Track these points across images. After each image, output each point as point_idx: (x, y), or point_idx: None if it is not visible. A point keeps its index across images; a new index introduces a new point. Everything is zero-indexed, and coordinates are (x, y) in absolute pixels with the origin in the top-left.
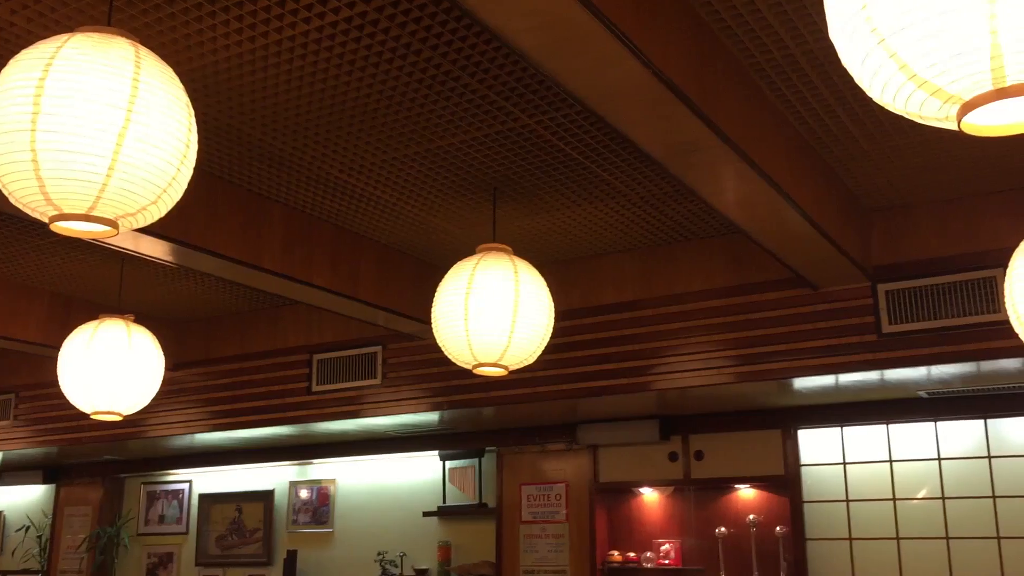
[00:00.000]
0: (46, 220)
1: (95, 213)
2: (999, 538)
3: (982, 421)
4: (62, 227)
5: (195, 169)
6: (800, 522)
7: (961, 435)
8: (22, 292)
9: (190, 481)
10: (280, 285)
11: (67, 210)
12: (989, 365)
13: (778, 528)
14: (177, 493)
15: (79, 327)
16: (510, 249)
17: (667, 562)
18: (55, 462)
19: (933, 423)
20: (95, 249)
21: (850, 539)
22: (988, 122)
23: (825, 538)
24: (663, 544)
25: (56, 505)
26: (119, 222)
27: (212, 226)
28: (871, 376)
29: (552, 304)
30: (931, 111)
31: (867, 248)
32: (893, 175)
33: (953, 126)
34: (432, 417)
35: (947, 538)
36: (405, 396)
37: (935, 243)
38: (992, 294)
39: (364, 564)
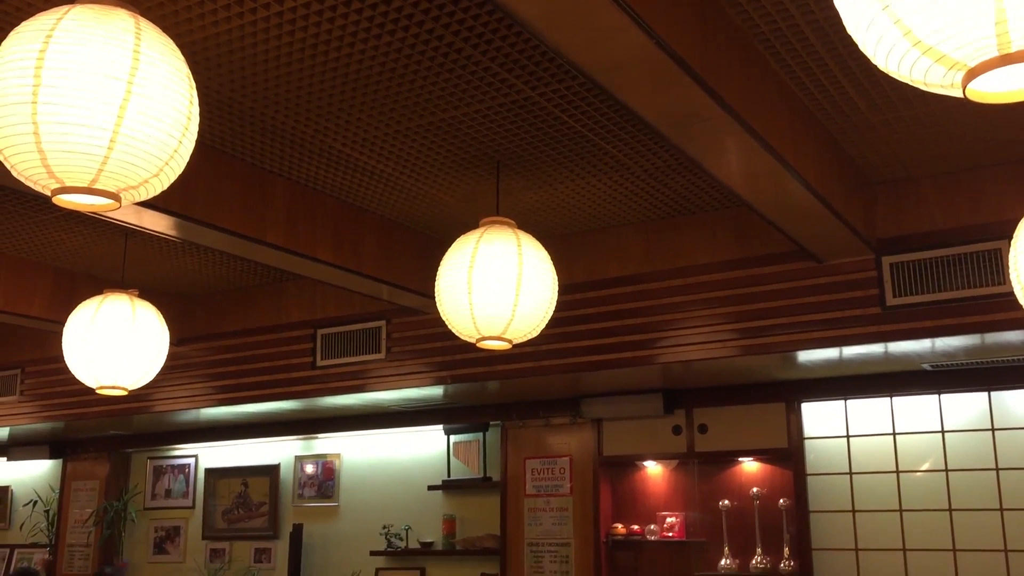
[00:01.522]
0: (48, 193)
1: (97, 186)
2: (1002, 510)
3: (986, 394)
4: (64, 200)
5: (197, 143)
6: (803, 495)
7: (965, 408)
8: (27, 268)
9: (196, 456)
10: (283, 259)
11: (69, 183)
12: (993, 337)
13: (781, 501)
14: (183, 468)
15: (83, 302)
16: (513, 223)
17: (671, 535)
18: (61, 437)
19: (937, 396)
20: (98, 224)
21: (853, 511)
22: (993, 89)
23: (828, 510)
24: (667, 517)
25: (63, 480)
26: (121, 195)
27: (215, 200)
28: (875, 349)
29: (556, 277)
30: (936, 78)
31: (871, 220)
32: (898, 147)
33: (958, 93)
34: (436, 391)
35: (950, 510)
36: (409, 370)
37: (939, 215)
38: (997, 266)
39: (369, 537)
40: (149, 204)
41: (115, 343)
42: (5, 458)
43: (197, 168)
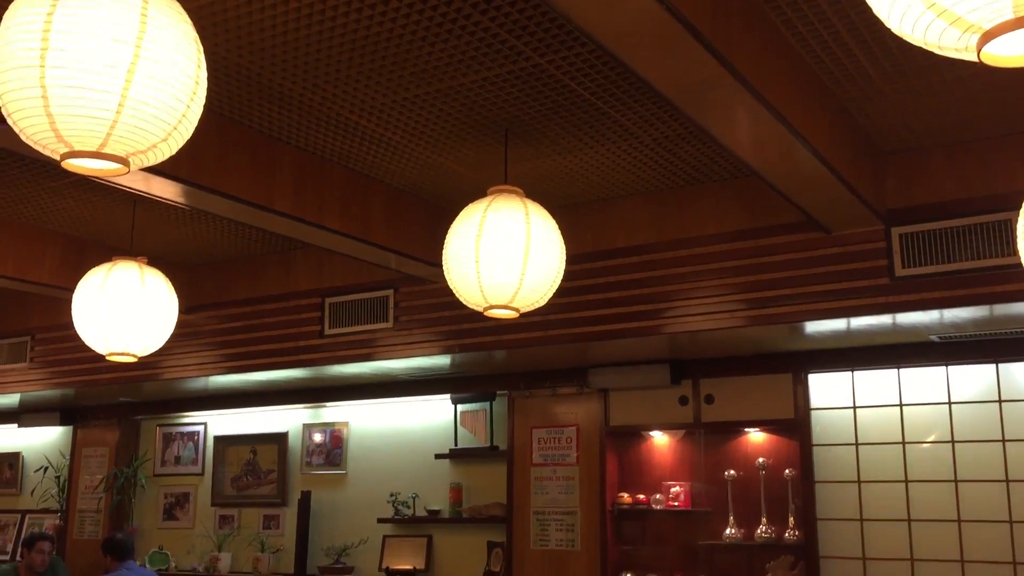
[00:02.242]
0: (57, 158)
1: (106, 150)
2: (1007, 481)
3: (993, 365)
4: (73, 165)
5: (205, 110)
6: (809, 465)
7: (972, 379)
8: (36, 234)
9: (205, 423)
10: (291, 227)
11: (78, 147)
12: (1002, 309)
13: (787, 471)
14: (192, 435)
15: (93, 269)
16: (521, 191)
17: (676, 504)
18: (72, 404)
19: (944, 367)
20: (108, 191)
21: (859, 482)
22: (1008, 52)
23: (833, 481)
24: (672, 486)
25: (73, 446)
26: (130, 160)
27: (223, 167)
28: (883, 320)
29: (563, 246)
30: (950, 41)
31: (881, 191)
32: (909, 116)
33: (972, 57)
34: (444, 361)
35: (955, 481)
36: (417, 339)
37: (950, 186)
38: (1007, 237)
39: (377, 505)
40: (158, 171)
41: (124, 310)
42: (16, 424)
43: (205, 135)
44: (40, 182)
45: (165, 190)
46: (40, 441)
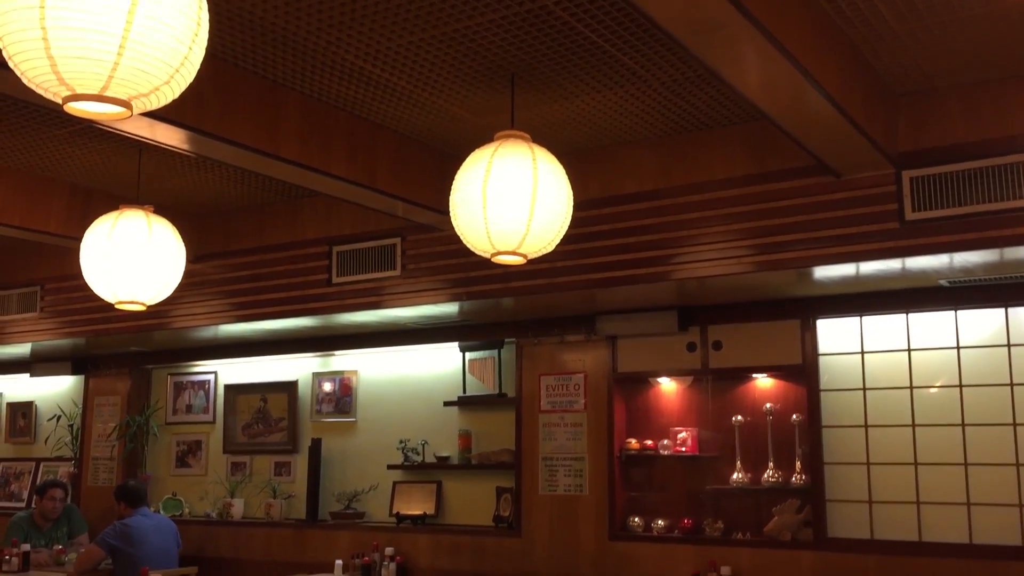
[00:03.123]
0: (60, 101)
1: (108, 93)
2: (1015, 425)
3: (1002, 310)
4: (76, 108)
5: (208, 55)
6: (816, 410)
7: (980, 324)
8: (42, 183)
9: (215, 372)
10: (297, 174)
11: (80, 90)
12: (1012, 252)
13: (794, 416)
14: (203, 384)
15: (100, 218)
16: (528, 136)
17: (683, 450)
18: (83, 353)
19: (953, 312)
20: (113, 139)
21: (865, 427)
22: None
23: (841, 425)
24: (680, 432)
25: (86, 395)
26: (133, 103)
27: (228, 114)
28: (892, 265)
29: (571, 192)
30: None
31: (892, 134)
32: (922, 57)
33: None
34: (452, 308)
35: (963, 425)
36: (424, 287)
37: (962, 128)
38: (1019, 179)
39: (387, 451)
40: (162, 117)
41: (132, 258)
42: (28, 374)
43: (209, 81)
44: (45, 130)
45: (170, 137)
46: (53, 390)
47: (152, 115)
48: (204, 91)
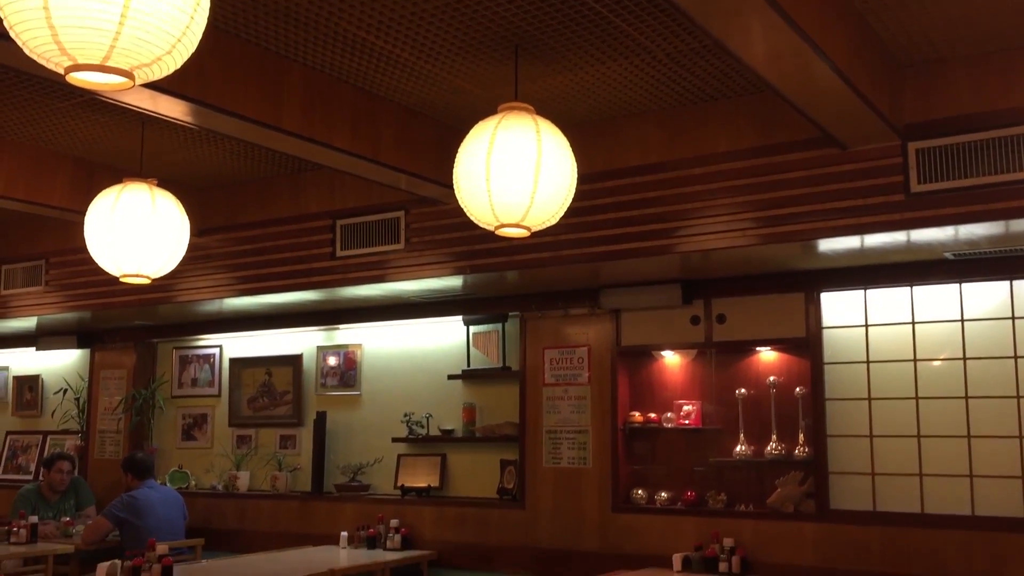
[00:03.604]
0: (61, 71)
1: (110, 63)
2: (1019, 397)
3: (1007, 282)
4: (78, 79)
5: (210, 26)
6: (820, 383)
7: (985, 297)
8: (46, 157)
9: (220, 346)
10: (300, 147)
11: (82, 60)
12: (1018, 225)
13: (797, 389)
14: (208, 357)
15: (104, 191)
16: (532, 108)
17: (687, 422)
18: (88, 327)
19: (958, 285)
20: (116, 111)
21: (869, 399)
22: None
23: (844, 398)
24: (684, 405)
25: (91, 369)
26: (135, 73)
27: (230, 86)
28: (897, 237)
29: (575, 163)
30: None
31: (899, 105)
32: (929, 26)
33: None
34: (456, 282)
35: (966, 398)
36: (428, 261)
37: (969, 99)
38: None
39: (391, 424)
40: (164, 89)
41: (136, 231)
42: (34, 348)
43: (211, 53)
44: (48, 103)
45: (172, 109)
46: (59, 364)
47: (154, 87)
48: (206, 63)
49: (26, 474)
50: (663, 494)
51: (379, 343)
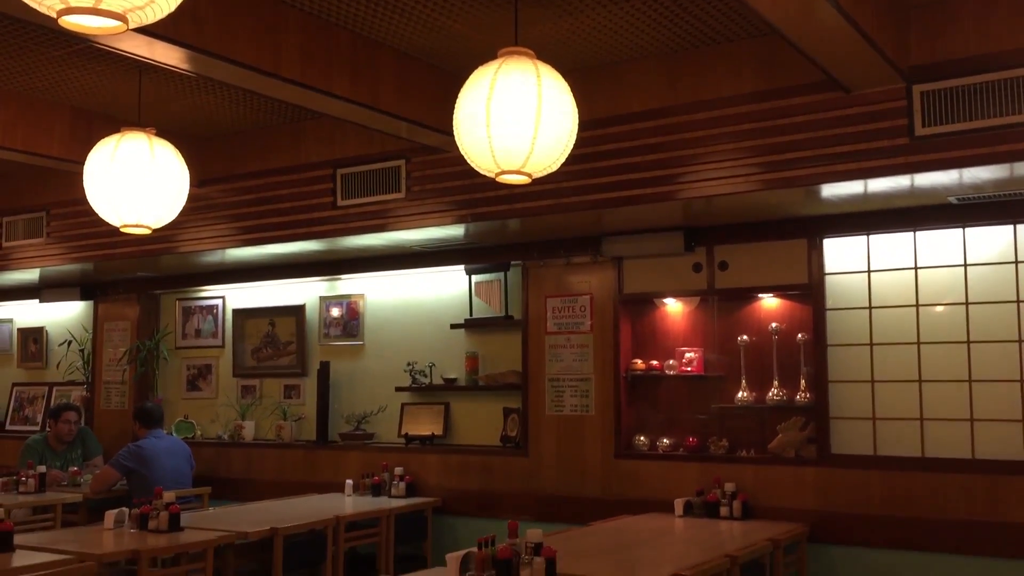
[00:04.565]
0: (54, 15)
1: (102, 6)
2: (1020, 341)
3: (1011, 227)
4: (70, 22)
5: None
6: (822, 329)
7: (989, 241)
8: (43, 106)
9: (223, 297)
10: (299, 94)
11: (74, 3)
12: (1023, 168)
13: (799, 335)
14: (211, 308)
15: (102, 140)
16: (532, 53)
17: (689, 369)
18: (91, 279)
19: (961, 229)
20: (112, 59)
21: (871, 345)
22: None
23: (846, 344)
24: (686, 352)
25: (95, 320)
26: (127, 16)
27: (227, 32)
28: (901, 181)
29: (576, 109)
30: None
31: (904, 46)
32: None
33: None
34: (457, 231)
35: (968, 342)
36: (430, 209)
37: (975, 40)
38: None
39: (395, 374)
40: (160, 35)
41: (135, 181)
42: (38, 300)
43: None
44: (44, 51)
45: (168, 55)
46: (63, 316)
47: (150, 33)
48: (202, 9)
49: (33, 425)
50: (665, 440)
51: (381, 293)
